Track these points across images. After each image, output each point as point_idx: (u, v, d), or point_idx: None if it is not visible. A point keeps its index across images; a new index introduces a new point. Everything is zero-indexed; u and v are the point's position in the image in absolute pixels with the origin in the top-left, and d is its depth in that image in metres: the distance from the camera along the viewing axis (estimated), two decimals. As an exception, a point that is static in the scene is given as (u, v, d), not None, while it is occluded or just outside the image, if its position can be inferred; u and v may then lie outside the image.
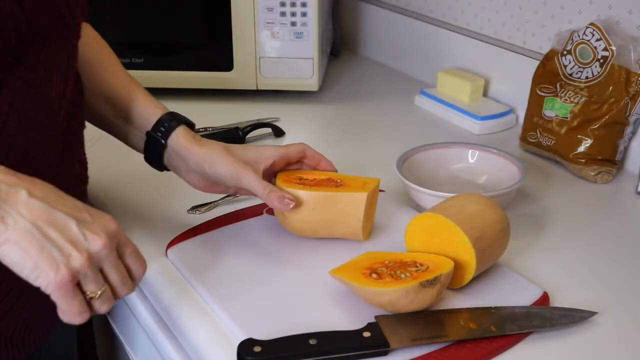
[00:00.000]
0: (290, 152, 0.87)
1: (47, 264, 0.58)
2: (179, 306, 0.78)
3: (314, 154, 0.88)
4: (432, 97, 1.32)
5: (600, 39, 1.05)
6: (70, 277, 0.59)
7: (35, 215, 0.58)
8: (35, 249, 0.58)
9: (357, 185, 0.84)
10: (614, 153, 1.06)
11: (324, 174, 0.87)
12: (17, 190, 0.58)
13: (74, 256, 0.59)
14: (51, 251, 0.58)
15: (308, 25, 1.26)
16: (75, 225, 0.59)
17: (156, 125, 0.85)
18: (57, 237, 0.58)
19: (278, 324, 0.71)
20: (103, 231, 0.61)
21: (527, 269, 0.83)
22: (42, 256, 0.58)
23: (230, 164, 0.82)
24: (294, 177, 0.85)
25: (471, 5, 1.33)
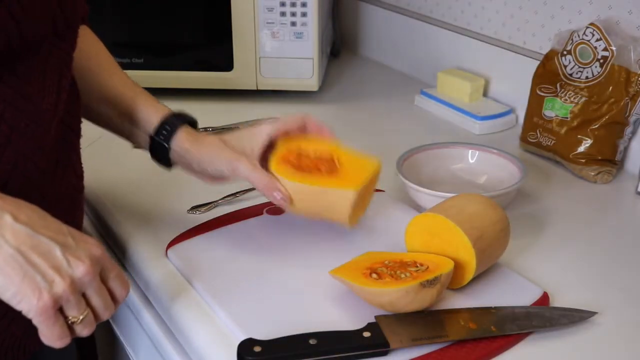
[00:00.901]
0: (288, 126, 0.85)
1: (30, 290, 0.58)
2: (179, 306, 0.78)
3: (315, 124, 0.86)
4: (432, 97, 1.32)
5: (600, 39, 1.05)
6: (52, 303, 0.59)
7: (19, 240, 0.58)
8: (18, 275, 0.58)
9: (351, 173, 0.82)
10: (614, 153, 1.06)
11: (325, 147, 0.84)
12: (2, 214, 0.58)
13: (56, 282, 0.59)
14: (34, 277, 0.58)
15: (308, 25, 1.26)
16: (59, 251, 0.60)
17: (159, 128, 0.85)
18: (41, 262, 0.59)
19: (278, 324, 0.71)
20: (87, 257, 0.61)
21: (527, 269, 0.83)
22: (24, 282, 0.58)
23: (226, 158, 0.82)
24: (292, 153, 0.83)
25: (471, 5, 1.33)
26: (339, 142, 0.86)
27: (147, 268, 0.84)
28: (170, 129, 0.84)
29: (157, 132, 0.85)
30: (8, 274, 0.58)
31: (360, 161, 0.84)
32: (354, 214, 0.82)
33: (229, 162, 0.81)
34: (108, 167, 1.05)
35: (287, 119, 0.86)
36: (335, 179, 0.81)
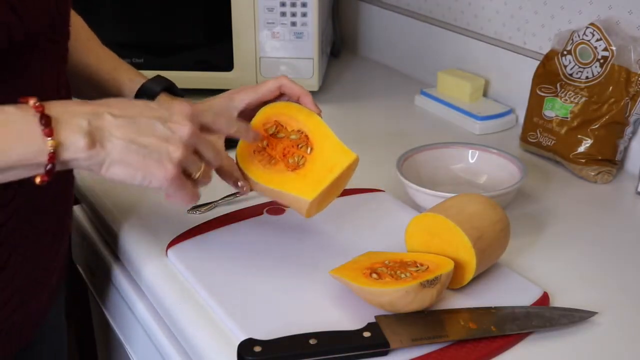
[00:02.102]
0: (264, 95, 0.83)
1: (154, 167, 0.64)
2: (179, 306, 0.77)
3: (292, 89, 0.84)
4: (432, 97, 1.32)
5: (600, 39, 1.05)
6: (176, 169, 0.65)
7: (125, 131, 0.63)
8: (138, 159, 0.64)
9: (316, 171, 0.79)
10: (614, 153, 1.06)
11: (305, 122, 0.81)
12: (102, 115, 0.63)
13: (171, 150, 0.65)
14: (152, 155, 0.64)
15: (308, 25, 1.26)
16: (160, 125, 0.65)
17: (137, 96, 0.86)
18: (151, 141, 0.64)
19: (278, 324, 0.71)
20: (185, 118, 0.66)
21: (527, 269, 0.83)
22: (147, 163, 0.64)
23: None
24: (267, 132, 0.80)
25: (471, 6, 1.33)
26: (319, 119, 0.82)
27: (147, 268, 0.84)
28: (147, 97, 0.85)
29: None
30: (130, 163, 0.64)
31: (334, 153, 0.80)
32: (315, 209, 0.80)
33: None
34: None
35: (261, 88, 0.83)
36: (296, 179, 0.78)
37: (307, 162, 0.79)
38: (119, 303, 0.95)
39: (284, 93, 0.84)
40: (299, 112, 0.82)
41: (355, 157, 0.79)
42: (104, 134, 0.63)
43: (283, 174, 0.79)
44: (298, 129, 0.81)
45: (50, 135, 0.60)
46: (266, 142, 0.80)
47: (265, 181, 0.79)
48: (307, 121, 0.81)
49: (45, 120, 0.60)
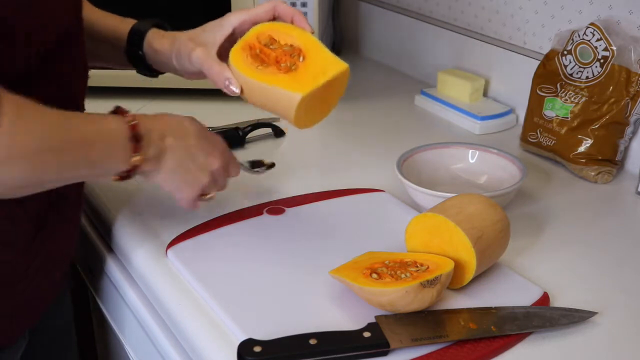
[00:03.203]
0: (258, 15, 0.85)
1: (186, 186, 0.79)
2: (179, 306, 0.77)
3: (286, 11, 0.85)
4: (432, 97, 1.32)
5: (600, 39, 1.05)
6: (199, 193, 0.80)
7: (178, 156, 0.76)
8: (177, 178, 0.78)
9: (309, 74, 0.79)
10: (614, 153, 1.06)
11: (298, 39, 0.82)
12: (166, 138, 0.75)
13: (202, 178, 0.79)
14: (188, 177, 0.78)
15: (308, 25, 1.25)
16: (202, 156, 0.78)
17: (129, 39, 0.89)
18: (192, 166, 0.78)
19: (278, 324, 0.71)
20: (219, 155, 0.80)
21: (527, 269, 0.83)
22: (183, 181, 0.78)
23: (184, 51, 0.84)
24: (259, 42, 0.82)
25: (471, 6, 1.33)
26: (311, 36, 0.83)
27: (147, 268, 0.84)
28: (139, 36, 0.89)
29: (129, 43, 0.89)
30: (171, 179, 0.77)
31: (326, 62, 0.81)
32: (305, 116, 0.80)
33: (187, 54, 0.84)
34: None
35: (256, 9, 0.85)
36: (288, 78, 0.79)
37: (299, 68, 0.80)
38: (118, 303, 0.95)
39: (278, 15, 0.86)
40: (292, 29, 0.83)
41: (347, 66, 0.81)
42: (165, 154, 0.75)
43: (274, 74, 0.80)
44: (290, 44, 0.82)
45: (138, 152, 0.71)
46: (259, 49, 0.81)
47: (257, 78, 0.79)
48: (300, 36, 0.83)
49: (137, 138, 0.71)
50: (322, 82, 0.79)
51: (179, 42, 0.86)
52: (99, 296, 1.02)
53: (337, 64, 0.81)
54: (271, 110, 0.81)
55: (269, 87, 0.78)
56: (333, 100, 0.84)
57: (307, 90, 0.77)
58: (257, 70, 0.80)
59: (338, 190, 0.97)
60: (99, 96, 0.98)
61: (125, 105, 0.88)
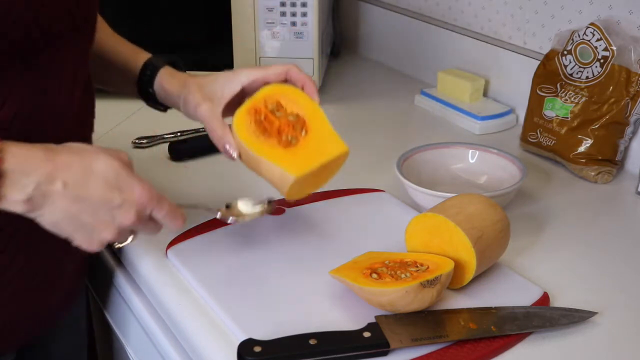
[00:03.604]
0: (269, 76, 0.83)
1: (81, 238, 0.66)
2: (179, 306, 0.77)
3: (299, 77, 0.83)
4: (432, 97, 1.32)
5: (600, 39, 1.05)
6: (100, 246, 0.67)
7: (69, 205, 0.64)
8: (69, 229, 0.65)
9: (308, 152, 0.79)
10: (614, 153, 1.06)
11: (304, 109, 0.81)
12: (54, 182, 0.63)
13: (104, 235, 0.66)
14: (84, 231, 0.66)
15: (308, 25, 1.26)
16: (105, 210, 0.65)
17: (141, 74, 0.87)
18: (89, 220, 0.65)
19: (278, 324, 0.71)
20: (133, 209, 0.66)
21: (527, 269, 0.83)
22: (77, 233, 0.66)
23: (192, 102, 0.82)
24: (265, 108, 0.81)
25: (471, 5, 1.33)
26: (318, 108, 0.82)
27: (147, 268, 0.84)
28: (151, 73, 0.87)
29: (140, 78, 0.87)
30: (62, 228, 0.65)
31: (327, 141, 0.80)
32: (297, 191, 0.80)
33: (193, 106, 0.82)
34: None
35: (268, 69, 0.84)
36: (286, 155, 0.79)
37: (299, 143, 0.80)
38: (119, 303, 0.95)
39: (290, 79, 0.84)
40: (301, 97, 0.82)
41: (347, 149, 0.80)
42: (46, 201, 0.63)
43: (274, 148, 0.79)
44: (297, 113, 0.81)
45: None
46: (264, 115, 0.81)
47: (256, 150, 0.79)
48: (307, 107, 0.82)
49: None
50: (318, 164, 0.78)
51: (187, 89, 0.84)
52: (99, 296, 1.02)
53: (337, 146, 0.80)
54: (265, 179, 0.81)
55: (265, 161, 0.78)
56: (327, 176, 0.83)
57: (302, 172, 0.77)
58: (257, 140, 0.79)
59: (338, 190, 0.97)
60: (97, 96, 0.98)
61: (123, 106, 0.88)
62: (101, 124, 0.87)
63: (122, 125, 1.21)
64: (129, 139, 1.15)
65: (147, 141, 1.15)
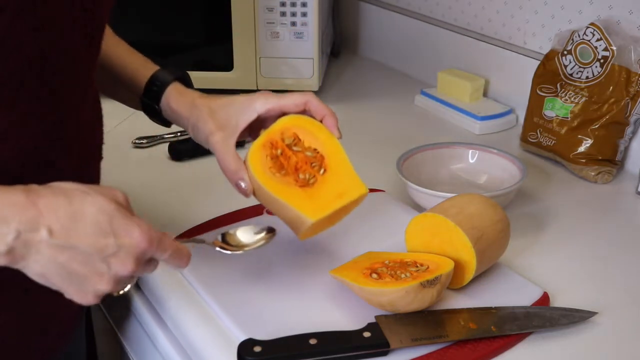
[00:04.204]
0: (287, 106, 0.78)
1: (73, 291, 0.59)
2: (179, 306, 0.77)
3: (319, 109, 0.78)
4: (432, 97, 1.32)
5: (600, 39, 1.05)
6: (96, 300, 0.60)
7: (57, 255, 0.57)
8: (59, 280, 0.58)
9: (325, 194, 0.75)
10: (614, 153, 1.06)
11: (323, 146, 0.77)
12: (38, 229, 0.56)
13: (99, 287, 0.59)
14: (75, 283, 0.58)
15: (308, 25, 1.26)
16: (98, 258, 0.58)
17: (147, 88, 0.82)
18: (81, 271, 0.58)
19: (278, 324, 0.71)
20: (130, 256, 0.59)
21: (527, 269, 0.83)
22: (68, 287, 0.58)
23: (204, 130, 0.77)
24: (281, 142, 0.77)
25: (471, 5, 1.33)
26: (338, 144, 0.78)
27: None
28: (158, 89, 0.81)
29: (146, 93, 0.82)
30: (49, 279, 0.58)
31: (346, 182, 0.76)
32: (311, 232, 0.77)
33: (205, 135, 0.77)
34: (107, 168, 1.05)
35: (286, 98, 0.79)
36: (303, 196, 0.75)
37: (317, 182, 0.76)
38: (118, 303, 0.95)
39: (309, 111, 0.79)
40: (320, 131, 0.78)
41: (367, 191, 0.76)
42: (29, 250, 0.56)
43: (290, 187, 0.75)
44: (315, 148, 0.78)
45: None
46: (281, 150, 0.77)
47: (272, 189, 0.75)
48: (326, 142, 0.78)
49: None
50: (336, 207, 0.75)
51: (197, 112, 0.78)
52: (99, 296, 1.02)
53: (357, 188, 0.76)
54: (278, 217, 0.77)
55: (281, 201, 0.74)
56: (342, 215, 0.79)
57: (320, 217, 0.74)
58: (273, 177, 0.75)
59: (338, 190, 0.97)
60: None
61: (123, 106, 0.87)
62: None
63: (122, 125, 1.21)
64: (129, 139, 1.15)
65: (147, 141, 1.15)
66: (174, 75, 0.83)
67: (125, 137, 1.16)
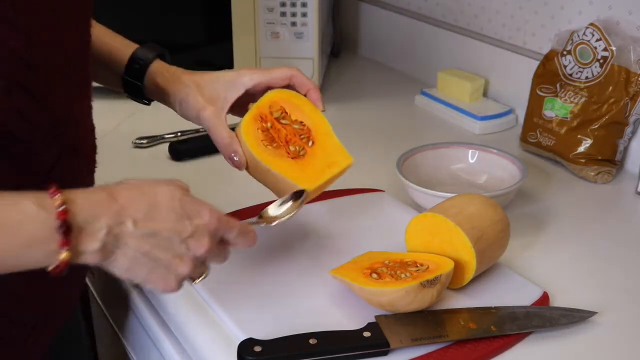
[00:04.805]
0: (273, 79, 0.81)
1: (157, 280, 0.62)
2: (179, 306, 0.77)
3: (303, 82, 0.81)
4: (432, 97, 1.32)
5: (600, 39, 1.05)
6: (177, 284, 0.64)
7: (141, 244, 0.60)
8: (144, 271, 0.62)
9: (316, 165, 0.78)
10: (613, 153, 1.06)
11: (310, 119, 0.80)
12: (124, 222, 0.59)
13: (180, 269, 0.62)
14: (158, 269, 0.62)
15: (308, 25, 1.26)
16: (178, 241, 0.62)
17: (128, 66, 0.83)
18: (163, 256, 0.61)
19: (278, 324, 0.71)
20: (205, 236, 0.63)
21: (527, 269, 0.83)
22: (151, 275, 0.62)
23: (193, 105, 0.79)
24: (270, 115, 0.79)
25: (471, 6, 1.33)
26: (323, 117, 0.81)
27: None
28: (140, 67, 0.83)
29: (128, 71, 0.83)
30: (135, 272, 0.61)
31: (334, 153, 0.80)
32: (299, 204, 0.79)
33: (196, 110, 0.79)
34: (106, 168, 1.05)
35: (272, 72, 0.81)
36: (295, 167, 0.78)
37: (307, 154, 0.79)
38: (118, 302, 0.95)
39: (294, 85, 0.82)
40: (305, 105, 0.81)
41: (352, 160, 0.80)
42: (118, 244, 0.59)
43: (282, 159, 0.78)
44: (301, 121, 0.80)
45: (67, 246, 0.56)
46: (270, 123, 0.79)
47: (265, 160, 0.77)
48: (311, 115, 0.81)
49: (66, 229, 0.56)
50: (327, 177, 0.78)
51: (185, 89, 0.81)
52: (99, 296, 1.02)
53: (343, 158, 0.80)
54: (271, 189, 0.80)
55: (275, 174, 0.77)
56: (328, 185, 0.82)
57: (314, 186, 0.77)
58: (266, 150, 0.78)
59: (338, 190, 0.97)
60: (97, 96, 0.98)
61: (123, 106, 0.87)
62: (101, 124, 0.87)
63: (122, 125, 1.21)
64: (129, 139, 1.15)
65: (147, 141, 1.15)
66: (155, 53, 0.85)
67: (125, 137, 1.16)
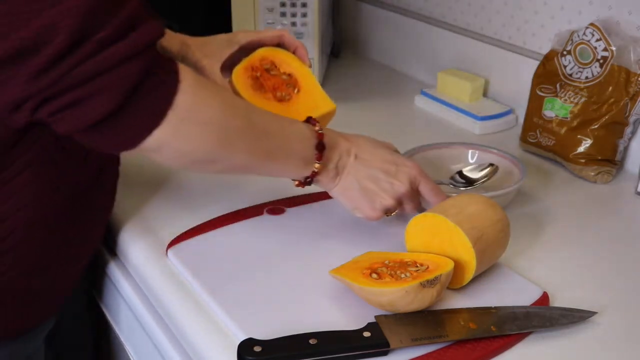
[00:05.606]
0: (265, 39, 0.92)
1: (366, 206, 0.82)
2: (179, 306, 0.78)
3: (291, 41, 0.93)
4: (432, 97, 1.32)
5: (600, 39, 1.05)
6: (381, 214, 0.82)
7: (358, 173, 0.81)
8: (355, 196, 0.81)
9: (301, 109, 0.87)
10: (613, 153, 1.06)
11: (296, 71, 0.91)
12: (350, 155, 0.81)
13: (384, 200, 0.81)
14: (367, 197, 0.81)
15: (308, 25, 1.26)
16: (385, 178, 0.81)
17: None
18: (372, 187, 0.81)
19: (278, 324, 0.71)
20: (406, 179, 0.82)
21: (527, 269, 0.83)
22: (362, 201, 0.81)
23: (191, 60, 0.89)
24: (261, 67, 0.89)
25: (471, 6, 1.33)
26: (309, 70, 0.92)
27: (147, 268, 0.84)
28: None
29: None
30: (350, 197, 0.82)
31: (318, 99, 0.90)
32: None
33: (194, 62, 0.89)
34: (108, 167, 1.05)
35: (264, 33, 0.93)
36: (280, 107, 0.87)
37: (292, 99, 0.88)
38: (118, 302, 0.95)
39: (283, 44, 0.93)
40: (293, 60, 0.92)
41: (335, 106, 0.91)
42: (343, 170, 0.81)
43: (269, 102, 0.88)
44: (289, 73, 0.91)
45: (320, 160, 0.78)
46: (260, 73, 0.89)
47: (253, 101, 0.85)
48: (298, 68, 0.92)
49: (321, 147, 0.78)
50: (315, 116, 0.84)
51: (186, 48, 0.91)
52: (99, 296, 1.02)
53: (327, 103, 0.91)
54: None
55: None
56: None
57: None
58: (254, 94, 0.87)
59: (338, 190, 0.97)
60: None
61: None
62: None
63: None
64: (129, 139, 1.15)
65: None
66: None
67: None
